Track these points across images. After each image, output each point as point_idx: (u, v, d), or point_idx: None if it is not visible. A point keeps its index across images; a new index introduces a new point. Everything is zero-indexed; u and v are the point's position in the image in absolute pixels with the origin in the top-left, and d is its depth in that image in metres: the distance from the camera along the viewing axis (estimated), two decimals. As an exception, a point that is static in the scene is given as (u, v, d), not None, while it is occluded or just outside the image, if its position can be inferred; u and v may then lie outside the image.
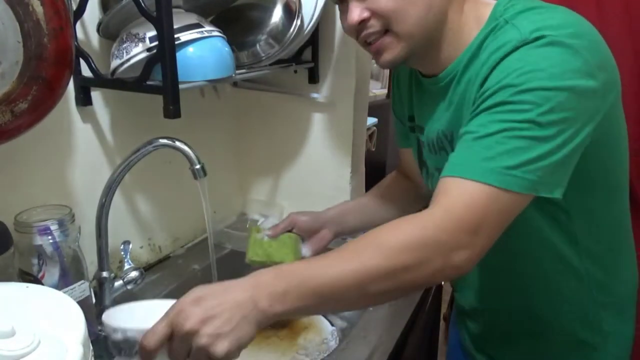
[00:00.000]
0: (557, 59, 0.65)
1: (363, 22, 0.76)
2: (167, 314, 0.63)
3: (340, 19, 0.83)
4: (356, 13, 0.76)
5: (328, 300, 0.63)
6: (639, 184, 0.94)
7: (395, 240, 0.64)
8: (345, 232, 1.08)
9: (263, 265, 0.99)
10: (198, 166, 0.87)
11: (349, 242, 0.68)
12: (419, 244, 0.63)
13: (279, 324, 1.04)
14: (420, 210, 0.78)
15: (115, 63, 0.90)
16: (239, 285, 0.63)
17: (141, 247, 1.17)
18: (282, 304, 0.61)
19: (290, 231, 1.05)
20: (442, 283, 1.33)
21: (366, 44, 0.80)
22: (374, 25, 0.77)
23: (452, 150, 0.76)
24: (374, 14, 0.75)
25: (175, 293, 1.09)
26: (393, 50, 0.78)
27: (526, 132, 0.64)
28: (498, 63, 0.68)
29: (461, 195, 0.65)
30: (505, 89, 0.66)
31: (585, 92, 0.66)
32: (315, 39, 1.20)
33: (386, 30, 0.76)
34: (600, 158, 0.74)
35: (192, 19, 0.90)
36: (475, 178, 0.64)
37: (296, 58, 1.20)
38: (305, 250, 1.04)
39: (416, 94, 0.91)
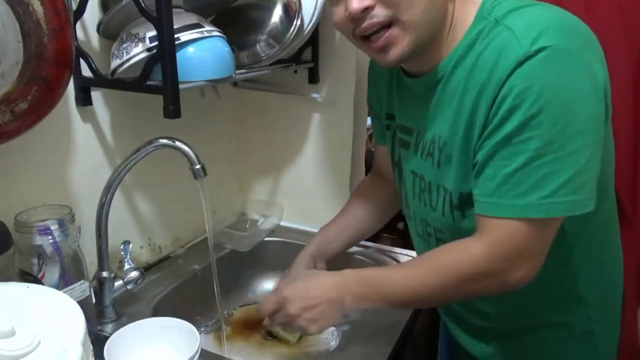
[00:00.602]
0: (562, 71, 0.64)
1: (366, 11, 0.70)
2: (276, 292, 0.87)
3: (334, 11, 0.75)
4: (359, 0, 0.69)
5: (396, 305, 0.82)
6: (622, 187, 0.94)
7: (455, 265, 0.75)
8: (332, 258, 1.06)
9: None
10: (198, 166, 0.87)
11: (417, 260, 0.83)
12: (476, 269, 0.73)
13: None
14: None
15: (115, 63, 0.90)
16: (330, 282, 0.82)
17: (141, 247, 1.17)
18: (363, 303, 0.81)
19: None
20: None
21: (364, 39, 0.74)
22: (379, 15, 0.70)
23: (439, 159, 0.79)
24: (381, 0, 0.69)
25: (175, 293, 1.09)
26: (401, 43, 0.72)
27: (550, 156, 0.65)
28: (504, 82, 0.66)
29: (502, 232, 0.70)
30: (517, 111, 0.65)
31: (593, 94, 0.66)
32: (315, 39, 1.20)
33: (390, 23, 0.71)
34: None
35: (192, 19, 0.90)
36: (511, 215, 0.69)
37: (296, 58, 1.20)
38: None
39: (397, 92, 0.89)
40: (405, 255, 1.25)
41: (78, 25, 0.92)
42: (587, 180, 0.67)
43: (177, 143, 0.88)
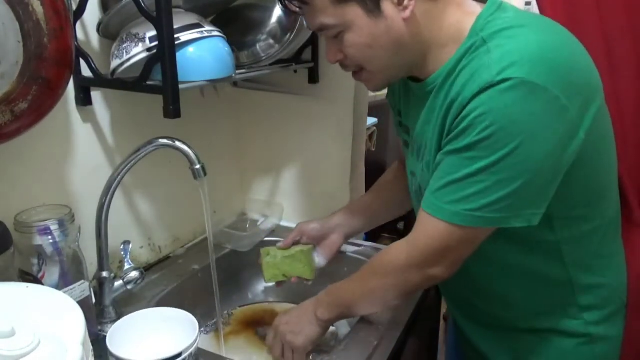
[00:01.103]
0: (519, 103, 0.66)
1: (340, 61, 0.81)
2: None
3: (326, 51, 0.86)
4: (332, 53, 0.80)
5: (356, 309, 0.92)
6: (631, 188, 0.94)
7: (383, 268, 0.87)
8: (354, 234, 1.14)
9: (283, 281, 1.10)
10: (198, 166, 0.87)
11: (361, 269, 0.91)
12: (399, 268, 0.84)
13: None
14: None
15: (115, 63, 0.90)
16: (308, 302, 0.96)
17: (141, 247, 1.17)
18: (329, 312, 0.92)
19: (299, 241, 1.10)
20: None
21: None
22: (350, 65, 0.81)
23: (426, 162, 0.83)
24: (346, 56, 0.79)
25: (175, 293, 1.09)
26: (373, 82, 0.84)
27: (486, 177, 0.70)
28: (467, 104, 0.69)
29: (426, 229, 0.78)
30: (468, 131, 0.70)
31: (553, 128, 0.68)
32: (315, 39, 1.20)
33: (361, 69, 0.81)
34: (583, 173, 0.75)
35: (192, 19, 0.90)
36: (440, 217, 0.75)
37: (296, 58, 1.20)
38: (320, 259, 1.10)
39: (404, 94, 0.92)
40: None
41: (78, 25, 0.92)
42: (515, 202, 0.71)
43: (177, 143, 0.88)
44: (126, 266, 0.98)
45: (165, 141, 0.88)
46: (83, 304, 0.76)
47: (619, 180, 0.87)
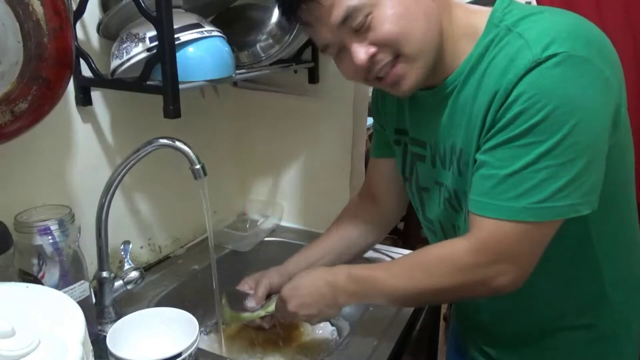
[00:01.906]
0: (571, 78, 0.64)
1: (372, 58, 0.74)
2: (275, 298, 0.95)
3: (341, 68, 0.80)
4: (362, 52, 0.73)
5: (383, 302, 0.84)
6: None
7: (441, 267, 0.76)
8: None
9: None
10: (198, 166, 0.87)
11: (406, 258, 0.83)
12: (462, 272, 0.74)
13: (280, 325, 1.04)
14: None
15: (115, 63, 0.90)
16: (321, 280, 0.87)
17: (141, 247, 1.17)
18: (352, 300, 0.86)
19: (268, 296, 1.01)
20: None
21: (377, 79, 0.77)
22: (384, 57, 0.74)
23: (459, 167, 0.78)
24: (381, 45, 0.73)
25: (175, 293, 1.09)
26: (410, 74, 0.75)
27: (549, 162, 0.65)
28: (513, 88, 0.66)
29: (493, 233, 0.70)
30: (521, 117, 0.66)
31: (602, 102, 0.66)
32: (315, 39, 1.20)
33: (396, 58, 0.74)
34: (612, 158, 0.73)
35: (192, 19, 0.90)
36: (504, 217, 0.69)
37: (296, 58, 1.20)
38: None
39: (410, 107, 0.89)
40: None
41: (78, 25, 0.92)
42: (582, 185, 0.67)
43: (177, 143, 0.88)
44: (126, 266, 0.98)
45: (165, 141, 0.88)
46: (83, 304, 0.76)
47: None
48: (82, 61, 0.92)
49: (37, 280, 0.80)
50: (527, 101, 0.65)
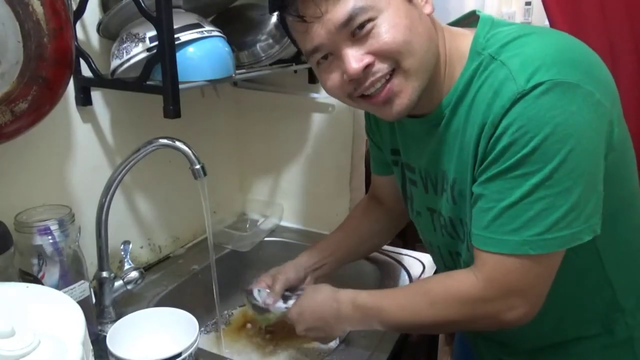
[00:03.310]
0: (559, 105, 0.63)
1: (366, 69, 0.69)
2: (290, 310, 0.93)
3: (324, 78, 0.73)
4: (356, 58, 0.68)
5: (387, 328, 0.84)
6: None
7: (447, 300, 0.74)
8: (323, 276, 1.05)
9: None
10: (198, 166, 0.87)
11: (412, 289, 0.84)
12: (468, 306, 0.72)
13: (278, 325, 1.04)
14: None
15: (115, 63, 0.90)
16: (326, 305, 0.86)
17: (141, 247, 1.17)
18: (357, 327, 0.87)
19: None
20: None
21: (363, 97, 0.72)
22: (381, 68, 0.69)
23: (453, 196, 0.77)
24: (380, 55, 0.68)
25: (175, 293, 1.09)
26: (405, 93, 0.70)
27: (545, 192, 0.64)
28: (500, 120, 0.65)
29: (497, 268, 0.69)
30: (511, 148, 0.65)
31: (594, 124, 0.65)
32: (315, 39, 1.20)
33: (392, 72, 0.70)
34: (614, 175, 0.72)
35: (192, 19, 0.90)
36: (506, 252, 0.67)
37: (296, 58, 1.20)
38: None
39: (399, 131, 0.88)
40: (405, 255, 1.25)
41: (78, 25, 0.92)
42: (582, 212, 0.66)
43: (177, 143, 0.88)
44: (126, 266, 0.98)
45: (165, 141, 0.88)
46: (83, 304, 0.76)
47: None
48: (82, 61, 0.92)
49: (37, 280, 0.80)
50: (515, 132, 0.64)
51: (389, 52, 0.68)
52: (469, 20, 0.79)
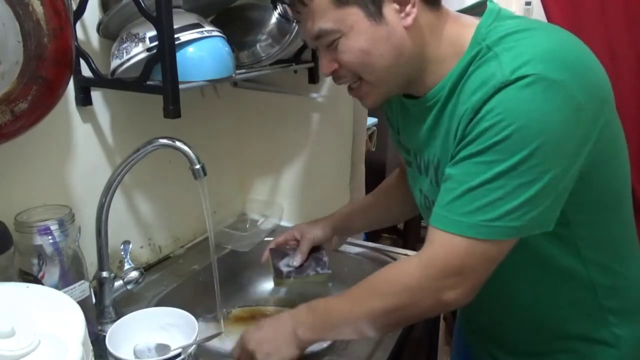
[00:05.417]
0: (538, 100, 0.64)
1: (334, 73, 0.78)
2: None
3: (320, 63, 0.82)
4: (326, 64, 0.78)
5: (344, 332, 0.81)
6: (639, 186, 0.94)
7: (389, 287, 0.77)
8: (351, 235, 1.13)
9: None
10: (198, 166, 0.87)
11: (361, 283, 0.81)
12: (409, 288, 0.75)
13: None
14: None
15: (115, 63, 0.90)
16: (284, 318, 0.85)
17: (141, 247, 1.17)
18: (312, 333, 0.82)
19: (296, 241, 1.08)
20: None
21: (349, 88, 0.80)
22: (346, 75, 0.78)
23: (436, 178, 0.79)
24: (342, 65, 0.76)
25: (175, 293, 1.09)
26: (372, 96, 0.79)
27: (505, 182, 0.66)
28: (481, 106, 0.67)
29: (443, 246, 0.72)
30: (485, 134, 0.66)
31: (571, 126, 0.66)
32: (315, 39, 1.20)
33: (360, 79, 0.77)
34: (598, 176, 0.73)
35: (192, 19, 0.90)
36: (455, 232, 0.69)
37: (296, 58, 1.20)
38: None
39: (401, 112, 0.90)
40: (405, 255, 1.25)
41: (78, 25, 0.92)
42: (534, 208, 0.67)
43: (177, 143, 0.88)
44: (126, 266, 0.98)
45: (165, 141, 0.88)
46: (83, 304, 0.76)
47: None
48: (82, 61, 0.92)
49: (37, 280, 0.80)
50: (494, 118, 0.65)
51: (347, 69, 0.76)
52: (481, 8, 0.80)
